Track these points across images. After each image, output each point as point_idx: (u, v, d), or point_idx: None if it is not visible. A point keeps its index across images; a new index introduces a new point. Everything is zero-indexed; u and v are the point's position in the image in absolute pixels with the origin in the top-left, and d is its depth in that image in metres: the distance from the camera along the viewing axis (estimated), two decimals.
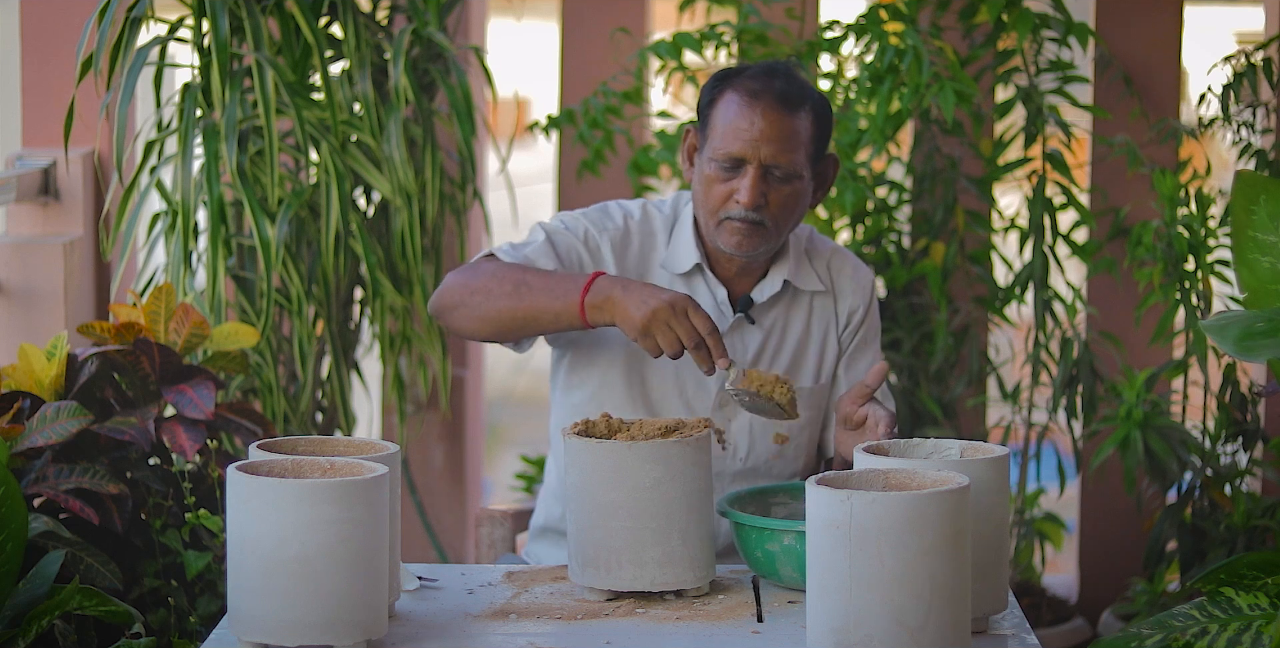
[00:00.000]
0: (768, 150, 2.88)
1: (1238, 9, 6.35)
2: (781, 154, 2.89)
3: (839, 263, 3.10)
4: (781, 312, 3.05)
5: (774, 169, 2.90)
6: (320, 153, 3.79)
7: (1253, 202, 2.56)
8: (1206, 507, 3.95)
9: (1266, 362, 2.51)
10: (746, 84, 2.91)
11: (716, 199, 2.92)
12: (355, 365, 4.10)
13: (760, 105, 2.89)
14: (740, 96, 2.90)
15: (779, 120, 2.89)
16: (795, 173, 2.91)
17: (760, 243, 2.94)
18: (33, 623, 2.66)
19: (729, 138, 2.90)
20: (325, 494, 2.28)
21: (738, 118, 2.89)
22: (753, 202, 2.89)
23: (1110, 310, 4.49)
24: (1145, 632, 2.43)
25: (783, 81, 2.91)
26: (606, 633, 2.45)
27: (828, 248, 3.11)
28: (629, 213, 3.05)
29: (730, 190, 2.91)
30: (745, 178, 2.89)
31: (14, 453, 2.96)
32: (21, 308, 3.89)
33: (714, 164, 2.91)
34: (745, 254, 2.95)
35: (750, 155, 2.89)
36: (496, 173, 4.24)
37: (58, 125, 3.58)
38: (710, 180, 2.92)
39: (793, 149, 2.90)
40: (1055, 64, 4.22)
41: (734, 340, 3.01)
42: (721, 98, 2.93)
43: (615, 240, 3.01)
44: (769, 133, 2.88)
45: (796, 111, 2.91)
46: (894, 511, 2.22)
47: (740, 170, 2.90)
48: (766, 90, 2.90)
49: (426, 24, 3.97)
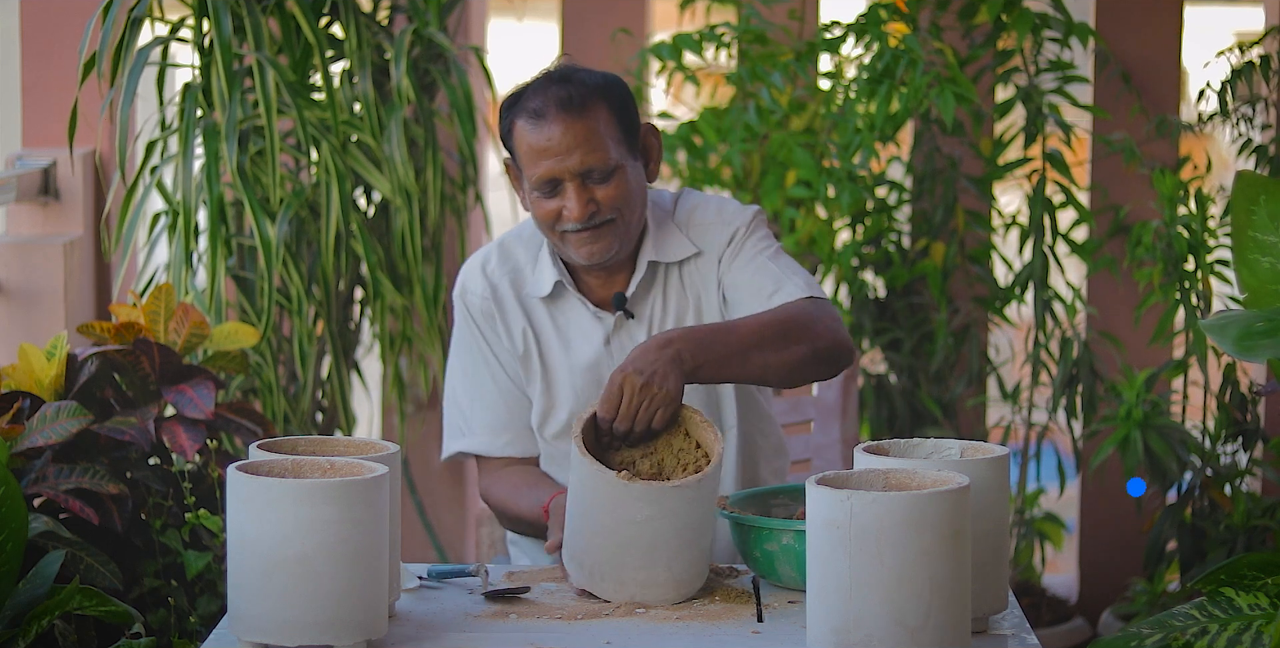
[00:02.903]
0: (574, 160, 2.83)
1: (1238, 9, 6.36)
2: (590, 156, 2.84)
3: (700, 216, 3.00)
4: (658, 293, 2.99)
5: (590, 173, 2.85)
6: (321, 153, 3.79)
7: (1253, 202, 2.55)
8: (1206, 507, 3.95)
9: (1266, 361, 2.51)
10: (527, 105, 2.86)
11: (550, 218, 2.87)
12: (355, 365, 4.10)
13: (547, 121, 2.84)
14: (526, 120, 2.86)
15: (570, 128, 2.83)
16: (613, 166, 2.86)
17: (614, 241, 2.89)
18: (33, 623, 2.66)
19: (534, 162, 2.85)
20: (325, 494, 2.28)
21: (534, 139, 2.84)
22: (582, 214, 2.84)
23: (1110, 310, 4.49)
24: (1145, 632, 2.43)
25: (560, 87, 2.86)
26: (606, 633, 2.45)
27: (689, 206, 3.02)
28: (485, 262, 3.02)
29: (558, 208, 2.86)
30: (567, 194, 2.84)
31: (14, 453, 2.96)
32: (21, 308, 3.89)
33: (535, 191, 2.87)
34: (602, 259, 2.90)
35: (560, 171, 2.84)
36: (497, 173, 4.25)
37: (58, 125, 3.59)
38: (537, 203, 2.88)
39: (599, 147, 2.84)
40: (1055, 64, 4.23)
41: (621, 340, 2.96)
42: (514, 127, 2.88)
43: (489, 299, 2.99)
44: (566, 143, 2.83)
45: (585, 110, 2.85)
46: (894, 511, 2.22)
47: (559, 188, 2.85)
48: (548, 103, 2.84)
49: (427, 24, 3.97)
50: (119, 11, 3.53)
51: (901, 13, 4.14)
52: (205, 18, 3.66)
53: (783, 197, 4.20)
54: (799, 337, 2.80)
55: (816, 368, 2.84)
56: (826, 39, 4.16)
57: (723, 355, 2.73)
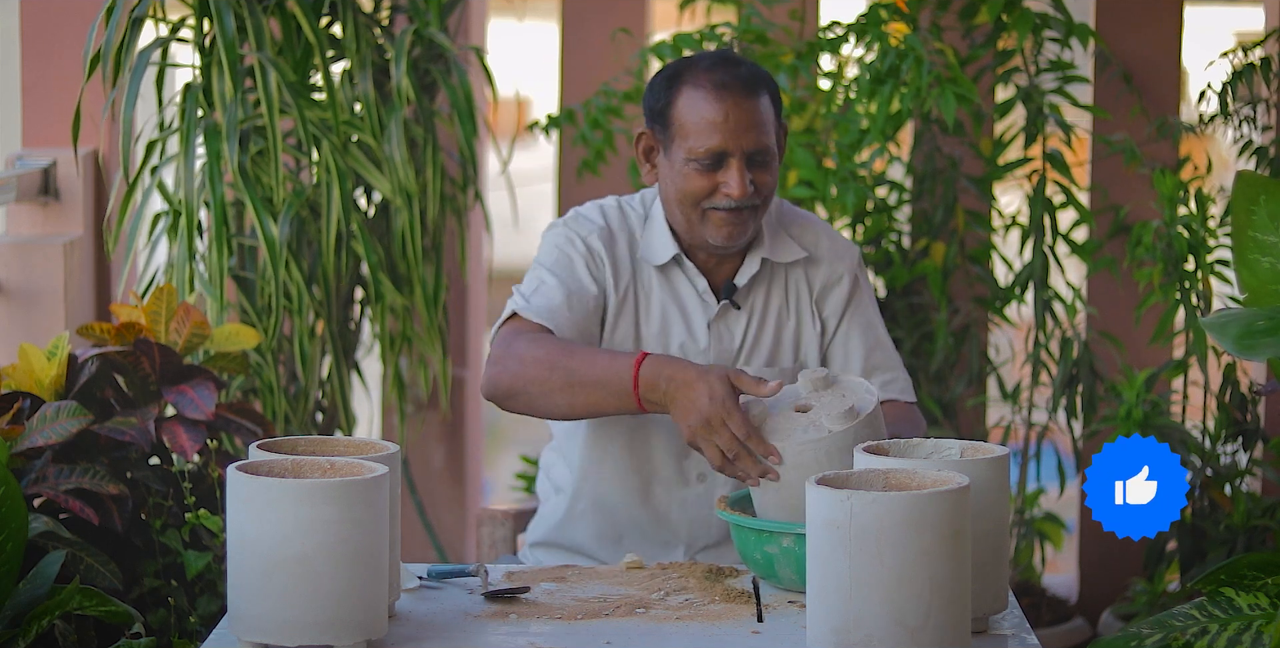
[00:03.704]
0: (747, 139, 2.88)
1: (1238, 9, 6.35)
2: (760, 138, 2.89)
3: (816, 231, 3.07)
4: (763, 291, 3.04)
5: (756, 155, 2.89)
6: (321, 153, 3.79)
7: (1253, 202, 2.55)
8: (1206, 507, 3.95)
9: (1267, 361, 2.51)
10: (708, 76, 2.89)
11: (700, 193, 2.90)
12: (355, 365, 4.10)
13: (729, 95, 2.88)
14: (705, 91, 2.88)
15: (750, 107, 2.88)
16: (773, 153, 2.92)
17: (751, 225, 2.94)
18: (33, 623, 2.66)
19: (705, 134, 2.88)
20: (325, 494, 2.28)
21: (709, 112, 2.88)
22: (744, 192, 2.88)
23: (1110, 310, 4.49)
24: (1145, 632, 2.43)
25: (736, 68, 2.90)
26: (606, 633, 2.45)
27: (804, 217, 3.09)
28: (604, 209, 3.04)
29: (713, 184, 2.89)
30: (730, 170, 2.88)
31: (14, 453, 2.97)
32: (21, 308, 3.89)
33: (692, 163, 2.89)
34: (737, 242, 2.94)
35: (732, 147, 2.88)
36: (497, 173, 4.25)
37: (58, 125, 3.59)
38: (690, 177, 2.90)
39: (767, 132, 2.91)
40: (1055, 64, 4.23)
41: (720, 328, 3.00)
42: (681, 95, 2.90)
43: (604, 238, 3.00)
44: (745, 121, 2.88)
45: (761, 94, 2.91)
46: (894, 511, 2.22)
47: (723, 163, 2.89)
48: (730, 79, 2.88)
49: (428, 24, 3.98)
50: (121, 12, 3.53)
51: (902, 13, 4.14)
52: (206, 18, 3.66)
53: (783, 197, 4.20)
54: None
55: None
56: (827, 39, 4.16)
57: None
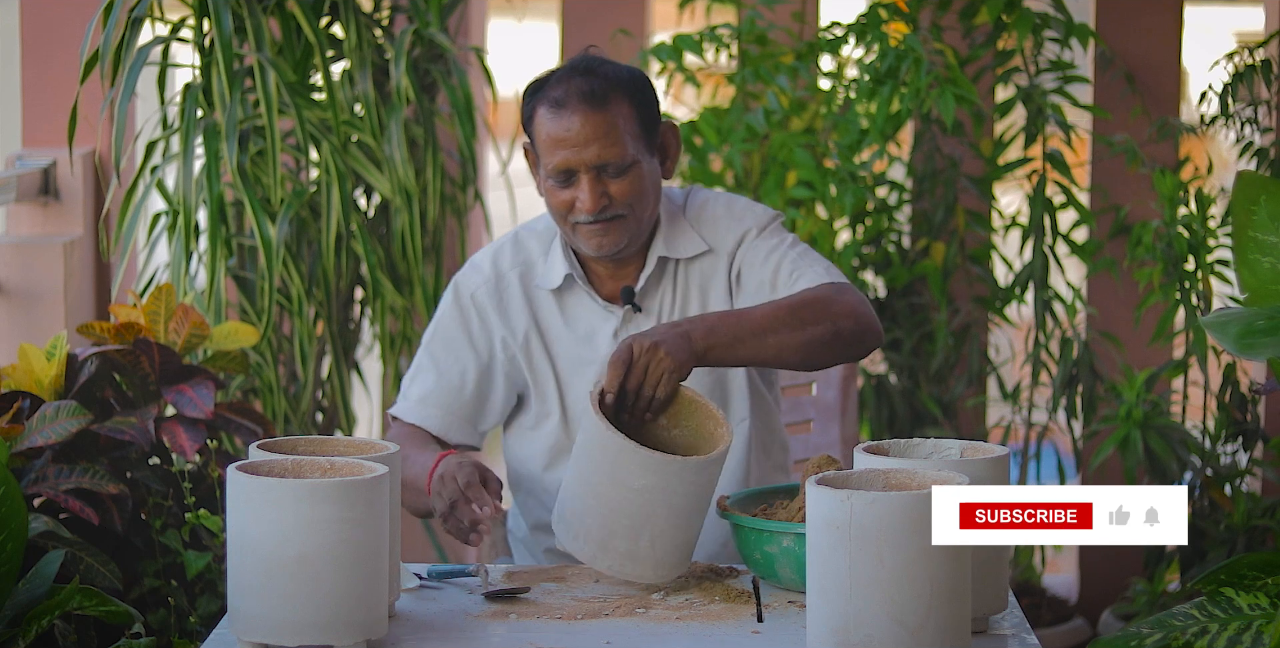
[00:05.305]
0: (591, 152, 2.85)
1: (1238, 9, 6.36)
2: (606, 151, 2.85)
3: (710, 212, 3.01)
4: (667, 288, 3.00)
5: (605, 167, 2.86)
6: (321, 153, 3.79)
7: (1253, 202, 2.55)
8: (1206, 507, 3.95)
9: (1267, 361, 2.51)
10: (550, 93, 2.87)
11: (562, 208, 2.89)
12: (355, 365, 4.10)
13: (568, 110, 2.85)
14: (548, 108, 2.87)
15: (590, 120, 2.85)
16: (627, 162, 2.87)
17: (623, 235, 2.90)
18: (33, 623, 2.66)
19: (551, 150, 2.86)
20: (325, 494, 2.28)
21: (553, 128, 2.86)
22: (595, 206, 2.85)
23: (1110, 310, 4.49)
24: (1145, 631, 2.43)
25: (584, 79, 2.87)
26: (606, 633, 2.45)
27: (699, 202, 3.03)
28: (496, 254, 3.03)
29: (571, 198, 2.87)
30: (580, 186, 2.86)
31: (14, 453, 2.96)
32: (21, 308, 3.89)
33: (550, 180, 2.88)
34: (611, 252, 2.92)
35: (575, 162, 2.85)
36: (497, 173, 4.25)
37: (58, 125, 3.59)
38: (551, 192, 2.89)
39: (615, 142, 2.86)
40: (1055, 64, 4.23)
41: (629, 333, 2.93)
42: (536, 112, 2.89)
43: (490, 289, 3.00)
44: (585, 135, 2.84)
45: (607, 104, 2.86)
46: (894, 511, 2.22)
47: (573, 179, 2.86)
48: (570, 93, 2.85)
49: (428, 24, 3.97)
50: (120, 11, 3.53)
51: (902, 13, 4.14)
52: (206, 18, 3.66)
53: (783, 197, 4.20)
54: (817, 317, 2.80)
55: (840, 349, 2.84)
56: (827, 40, 4.16)
57: (733, 337, 2.74)
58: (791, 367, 2.85)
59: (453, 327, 3.02)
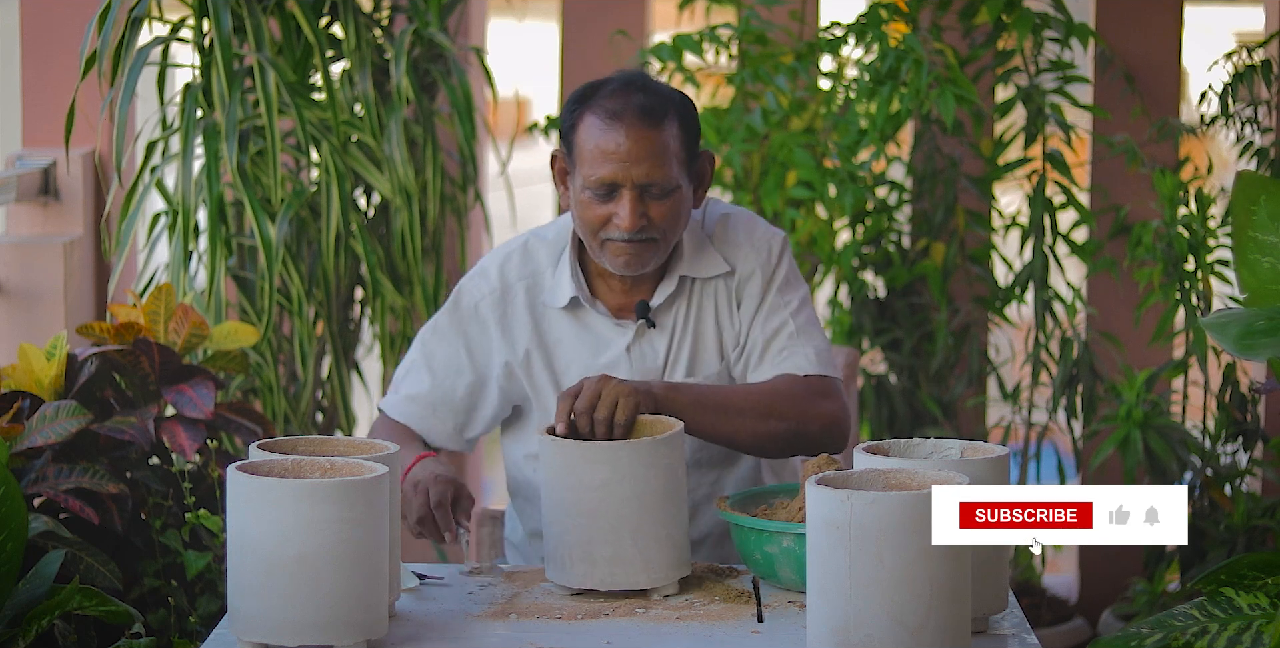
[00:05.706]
0: (639, 170, 2.79)
1: (1238, 9, 6.36)
2: (655, 171, 2.79)
3: (731, 234, 2.97)
4: (683, 308, 2.96)
5: (650, 187, 2.80)
6: (321, 153, 3.79)
7: (1253, 202, 2.55)
8: (1206, 507, 3.95)
9: (1267, 361, 2.51)
10: (605, 104, 2.81)
11: (596, 222, 2.83)
12: (355, 365, 4.10)
13: (623, 125, 2.79)
14: (600, 118, 2.80)
15: (645, 138, 2.79)
16: (672, 186, 2.82)
17: (651, 258, 2.86)
18: (33, 623, 2.66)
19: (597, 163, 2.80)
20: (325, 494, 2.28)
21: (603, 140, 2.79)
22: (634, 225, 2.80)
23: (1110, 310, 4.49)
24: (1145, 632, 2.43)
25: (641, 95, 2.81)
26: (606, 633, 2.45)
27: (716, 217, 2.99)
28: (505, 262, 2.98)
29: (608, 214, 2.81)
30: (622, 202, 2.80)
31: (14, 453, 2.96)
32: (21, 308, 3.89)
33: (587, 191, 2.82)
34: (635, 272, 2.88)
35: (623, 178, 2.79)
36: (497, 173, 4.25)
37: (58, 125, 3.59)
38: (586, 205, 2.83)
39: (664, 163, 2.80)
40: (1055, 64, 4.23)
41: (641, 349, 2.94)
42: (583, 121, 2.82)
43: (495, 301, 2.97)
44: (637, 152, 2.79)
45: (661, 124, 2.81)
46: (894, 511, 2.22)
47: (615, 194, 2.80)
48: (627, 108, 2.80)
49: (427, 24, 3.97)
50: (119, 11, 3.53)
51: (902, 12, 4.14)
52: (205, 18, 3.66)
53: (783, 197, 4.20)
54: (786, 414, 2.81)
55: (799, 448, 2.86)
56: (827, 40, 4.16)
57: (696, 400, 2.75)
58: (742, 450, 2.85)
59: (452, 333, 3.00)
